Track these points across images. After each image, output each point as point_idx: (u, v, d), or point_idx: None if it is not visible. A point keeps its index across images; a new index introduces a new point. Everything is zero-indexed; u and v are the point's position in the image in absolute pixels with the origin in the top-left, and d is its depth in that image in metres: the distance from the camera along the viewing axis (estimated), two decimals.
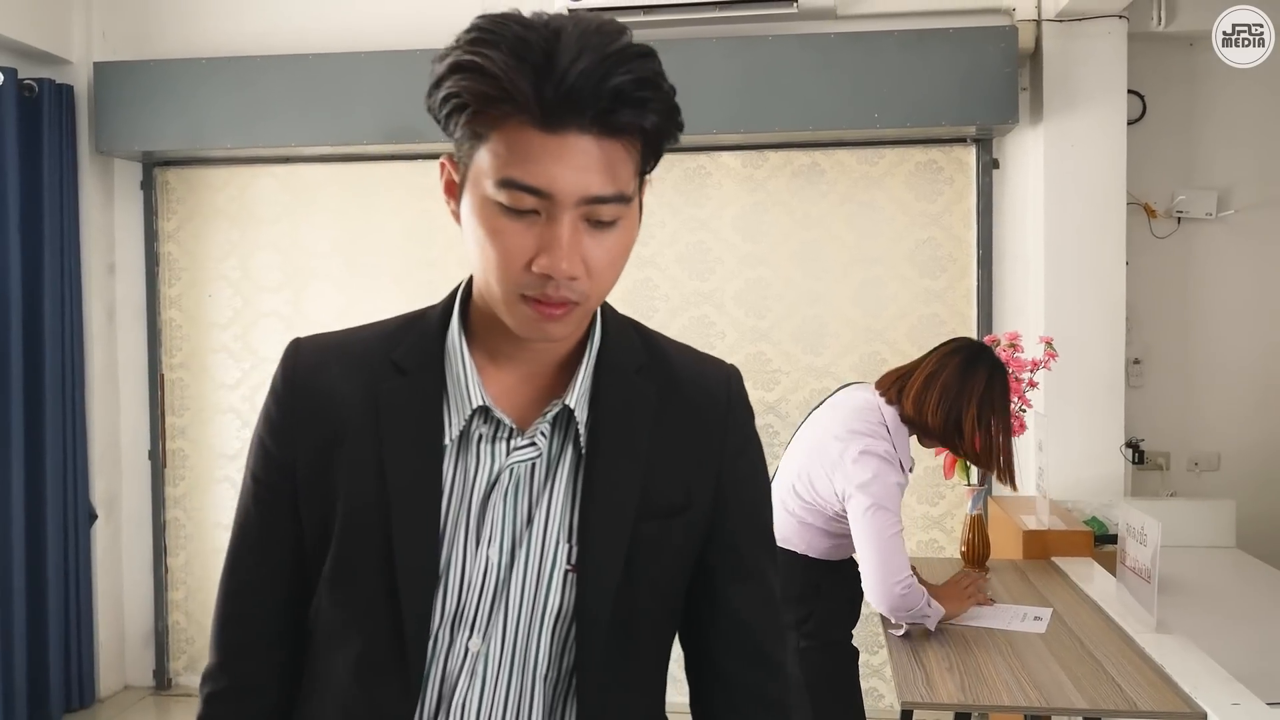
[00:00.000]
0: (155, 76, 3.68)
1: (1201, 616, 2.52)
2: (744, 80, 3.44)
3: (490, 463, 0.96)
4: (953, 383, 2.27)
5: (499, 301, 0.90)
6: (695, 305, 3.72)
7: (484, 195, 0.86)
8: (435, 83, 0.88)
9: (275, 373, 1.01)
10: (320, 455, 0.97)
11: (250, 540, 1.03)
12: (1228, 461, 3.73)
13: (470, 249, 0.90)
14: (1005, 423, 2.29)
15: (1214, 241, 3.71)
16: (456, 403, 0.95)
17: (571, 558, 0.96)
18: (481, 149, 0.86)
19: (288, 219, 3.89)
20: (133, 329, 3.99)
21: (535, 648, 0.97)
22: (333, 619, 0.99)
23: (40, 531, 3.62)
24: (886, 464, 2.21)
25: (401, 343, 0.98)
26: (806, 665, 2.27)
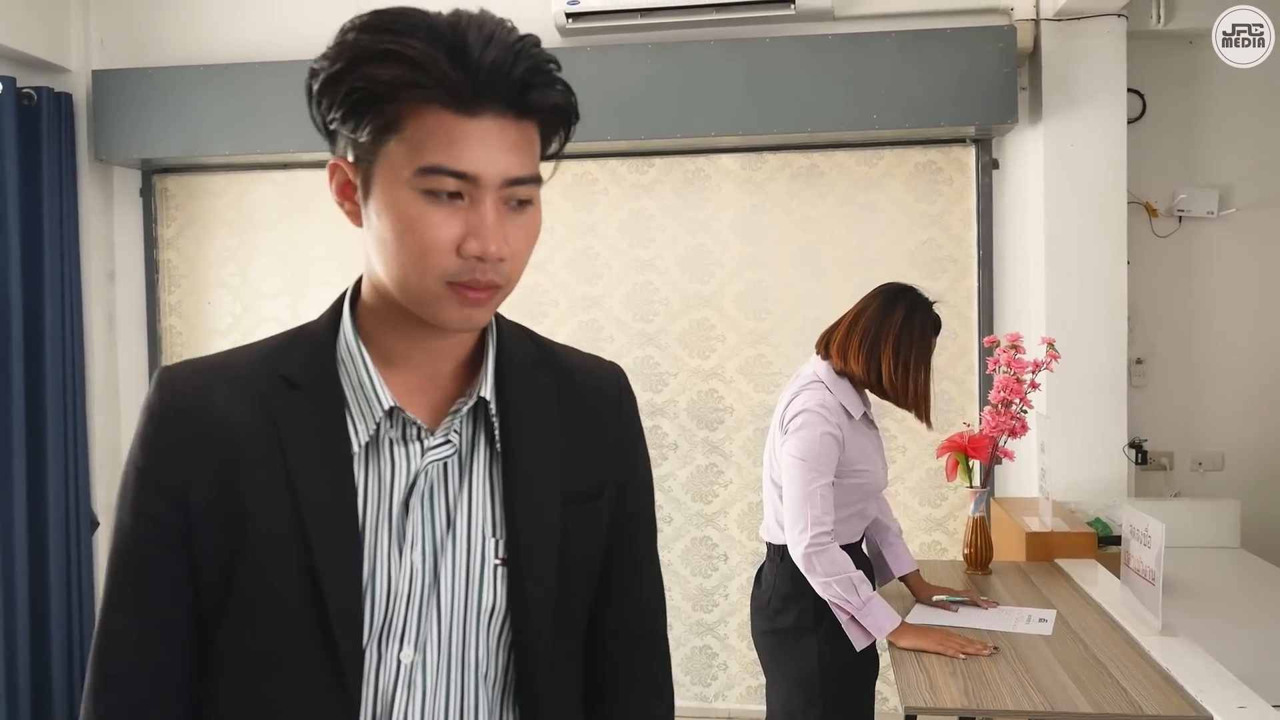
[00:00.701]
0: (154, 84, 3.68)
1: (1206, 618, 2.51)
2: (742, 82, 3.43)
3: (406, 465, 0.95)
4: (871, 324, 2.28)
5: (419, 294, 0.89)
6: (695, 308, 3.72)
7: (400, 186, 0.86)
8: (332, 78, 0.87)
9: (148, 403, 0.96)
10: (217, 480, 0.92)
11: (133, 586, 0.94)
12: (1231, 461, 3.71)
13: (380, 246, 0.90)
14: (923, 359, 2.28)
15: (1216, 240, 3.70)
16: (361, 409, 0.94)
17: (499, 551, 0.96)
18: (392, 140, 0.86)
19: (286, 225, 3.89)
20: (133, 336, 3.99)
21: (473, 650, 0.96)
22: (245, 653, 0.93)
23: (42, 539, 3.61)
24: (816, 415, 2.21)
25: (287, 358, 0.96)
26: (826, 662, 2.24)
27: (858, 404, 2.31)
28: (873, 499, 2.38)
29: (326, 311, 1.00)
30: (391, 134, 0.86)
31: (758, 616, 2.38)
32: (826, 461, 2.20)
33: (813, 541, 2.15)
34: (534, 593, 0.97)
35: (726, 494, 3.73)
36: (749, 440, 3.70)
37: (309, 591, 0.90)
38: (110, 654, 0.94)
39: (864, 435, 2.33)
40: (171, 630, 0.94)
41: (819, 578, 2.16)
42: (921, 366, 2.28)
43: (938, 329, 2.36)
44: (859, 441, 2.30)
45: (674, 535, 3.75)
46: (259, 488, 0.92)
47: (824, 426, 2.20)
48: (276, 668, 0.92)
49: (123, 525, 0.95)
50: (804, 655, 2.25)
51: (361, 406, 0.94)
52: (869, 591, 2.16)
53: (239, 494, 0.92)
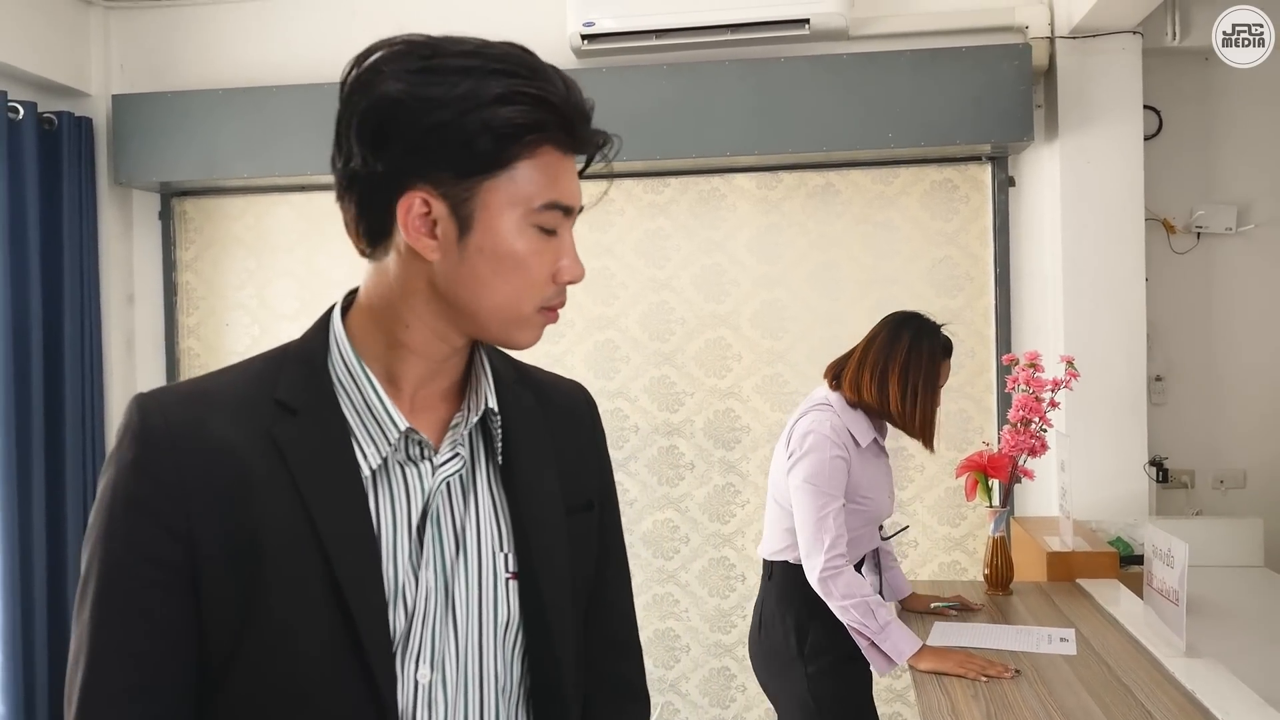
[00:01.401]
0: (173, 108, 3.72)
1: (1231, 638, 2.48)
2: (757, 102, 3.44)
3: (419, 485, 0.95)
4: (880, 354, 2.29)
5: (513, 320, 0.93)
6: (711, 327, 3.71)
7: (512, 221, 0.89)
8: (458, 116, 0.86)
9: (135, 431, 0.90)
10: (223, 513, 0.88)
11: (125, 633, 0.87)
12: (1254, 478, 3.68)
13: (473, 279, 0.90)
14: (929, 385, 2.28)
15: (1234, 256, 3.67)
16: (370, 432, 0.93)
17: (510, 565, 0.97)
18: (501, 177, 0.88)
19: (304, 247, 3.91)
20: (151, 358, 4.01)
21: (490, 664, 0.97)
22: (271, 690, 0.89)
23: (62, 562, 3.63)
24: (824, 438, 2.21)
25: (278, 382, 0.93)
26: (816, 686, 2.23)
27: (866, 431, 2.31)
28: (873, 526, 2.38)
29: (310, 333, 0.98)
30: (501, 171, 0.88)
31: (752, 636, 2.39)
32: (836, 485, 2.19)
33: (827, 565, 2.14)
34: (551, 603, 0.99)
35: (744, 514, 3.72)
36: (766, 460, 3.68)
37: (338, 622, 0.88)
38: (98, 715, 0.87)
39: (871, 463, 2.33)
40: (170, 681, 0.89)
41: (836, 601, 2.15)
42: (928, 392, 2.28)
43: (948, 352, 2.35)
44: (865, 469, 2.30)
45: (691, 555, 3.74)
46: (273, 520, 0.88)
47: (832, 450, 2.20)
48: (307, 702, 0.89)
49: (109, 565, 0.88)
50: (794, 677, 2.25)
51: (370, 430, 0.93)
52: (887, 616, 2.15)
53: (251, 527, 0.88)
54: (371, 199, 0.90)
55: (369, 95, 0.88)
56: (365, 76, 0.90)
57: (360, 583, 0.89)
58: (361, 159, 0.89)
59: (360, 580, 0.89)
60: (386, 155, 0.88)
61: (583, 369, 3.72)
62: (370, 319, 0.96)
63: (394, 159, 0.88)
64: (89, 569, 0.89)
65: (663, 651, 3.75)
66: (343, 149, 0.91)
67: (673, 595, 3.74)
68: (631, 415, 3.74)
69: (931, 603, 2.51)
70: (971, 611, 2.48)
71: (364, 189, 0.91)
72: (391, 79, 0.87)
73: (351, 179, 0.91)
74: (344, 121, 0.90)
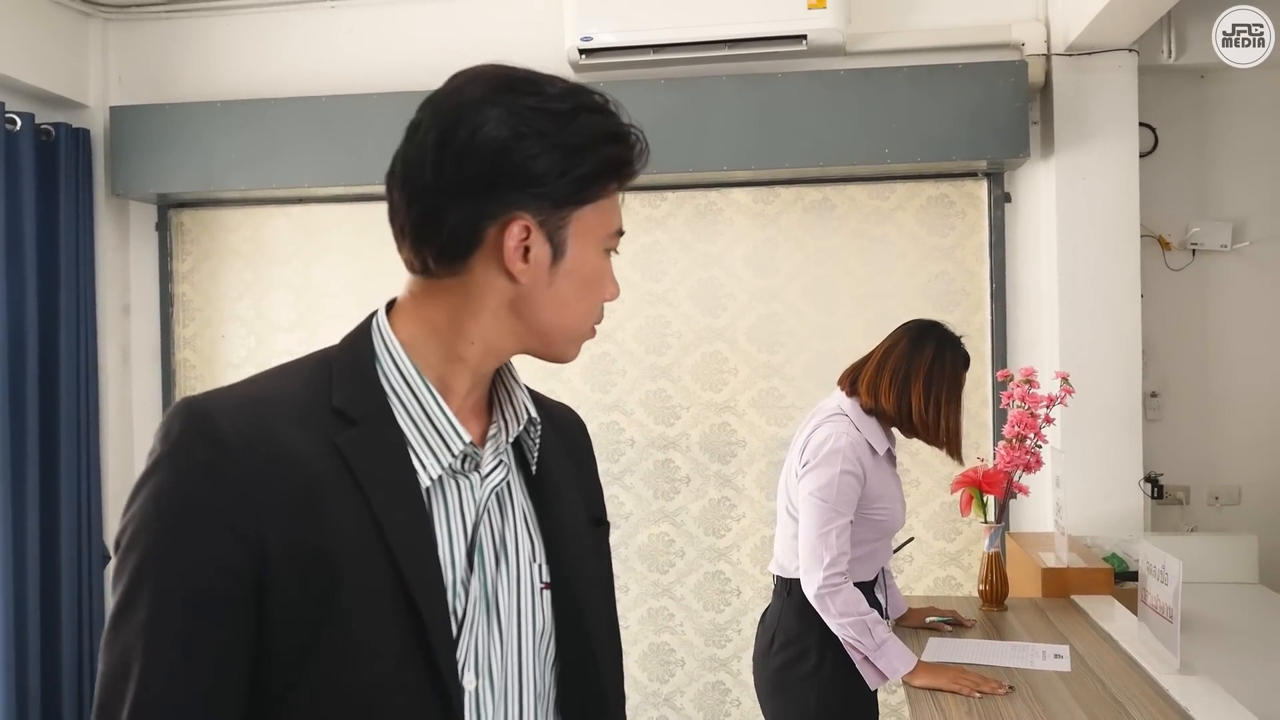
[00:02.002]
0: (170, 119, 3.72)
1: (1225, 656, 2.48)
2: (754, 117, 3.45)
3: (470, 496, 0.97)
4: (901, 362, 2.27)
5: (576, 336, 1.00)
6: (708, 341, 3.72)
7: (594, 247, 0.98)
8: (573, 150, 0.92)
9: (197, 441, 0.86)
10: (293, 522, 0.86)
11: (182, 646, 0.83)
12: (1249, 495, 3.68)
13: (556, 300, 0.97)
14: (954, 395, 2.27)
15: (1230, 273, 3.69)
16: (429, 443, 0.94)
17: (543, 575, 1.00)
18: (588, 208, 0.96)
19: (300, 259, 3.91)
20: (147, 370, 4.01)
21: (530, 672, 0.99)
22: (341, 703, 0.87)
23: (54, 572, 3.62)
24: (837, 452, 2.19)
25: (334, 391, 0.93)
26: (823, 710, 2.22)
27: (882, 440, 2.29)
28: (888, 538, 2.36)
29: (353, 341, 0.99)
30: (587, 202, 0.95)
31: (760, 652, 2.36)
32: (845, 501, 2.18)
33: (825, 582, 2.13)
34: (589, 611, 1.02)
35: (739, 528, 3.71)
36: (762, 474, 3.68)
37: (409, 632, 0.88)
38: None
39: (886, 472, 2.32)
40: (229, 703, 0.86)
41: (833, 618, 2.14)
42: (952, 403, 2.27)
43: (967, 364, 2.35)
44: (881, 479, 2.29)
45: (686, 569, 3.73)
46: (343, 531, 0.87)
47: (844, 464, 2.19)
48: (376, 713, 0.87)
49: (168, 575, 0.84)
50: (802, 695, 2.23)
51: (430, 441, 0.94)
52: (884, 633, 2.14)
53: (321, 538, 0.86)
54: (462, 222, 0.92)
55: (474, 125, 0.90)
56: (468, 105, 0.92)
57: (429, 593, 0.90)
58: (460, 185, 0.91)
59: (429, 590, 0.90)
60: (490, 184, 0.91)
61: (579, 382, 3.72)
62: (429, 332, 0.97)
63: (498, 188, 0.91)
64: (138, 580, 0.84)
65: (657, 665, 3.74)
66: (426, 171, 0.92)
67: (668, 609, 3.73)
68: (627, 429, 3.73)
69: (926, 618, 2.50)
70: (965, 628, 2.48)
71: (456, 212, 0.92)
72: (499, 110, 0.91)
73: (439, 201, 0.92)
74: (441, 146, 0.91)
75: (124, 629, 0.85)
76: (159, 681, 0.83)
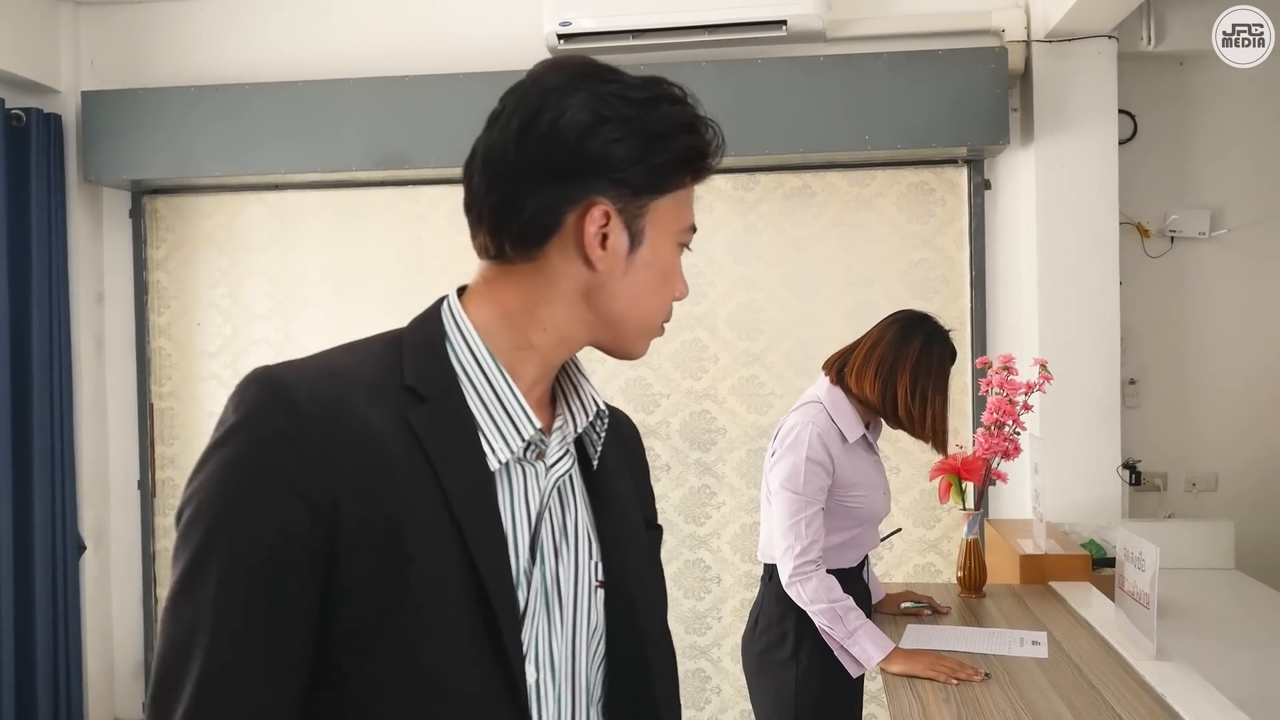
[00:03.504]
0: (144, 105, 3.67)
1: (1201, 641, 2.49)
2: (734, 103, 3.43)
3: (536, 484, 0.96)
4: (889, 353, 2.27)
5: (648, 330, 1.00)
6: (688, 329, 3.70)
7: (669, 240, 0.97)
8: (656, 136, 0.92)
9: (275, 407, 0.85)
10: (366, 495, 0.84)
11: (248, 618, 0.81)
12: (1225, 482, 3.70)
13: (633, 291, 0.96)
14: (939, 389, 2.28)
15: (1208, 260, 3.70)
16: (499, 427, 0.93)
17: (599, 573, 0.99)
18: (664, 199, 0.95)
19: (277, 246, 3.88)
20: (121, 358, 3.96)
21: (582, 668, 0.98)
22: (402, 682, 0.84)
23: (28, 563, 3.58)
24: (804, 442, 2.20)
25: (404, 368, 0.92)
26: (803, 693, 2.22)
27: (855, 426, 2.28)
28: (871, 525, 2.36)
29: (423, 321, 0.97)
30: (663, 194, 0.95)
31: (746, 635, 2.37)
32: (813, 489, 2.18)
33: (795, 570, 2.14)
34: (644, 611, 1.01)
35: (719, 515, 3.71)
36: (742, 462, 3.68)
37: (476, 612, 0.87)
38: (217, 710, 0.81)
39: (861, 459, 2.31)
40: (295, 673, 0.84)
41: (805, 606, 2.14)
42: (938, 396, 2.27)
43: (954, 358, 2.35)
44: (855, 465, 2.28)
45: (667, 557, 3.72)
46: (414, 507, 0.86)
47: (809, 453, 2.19)
48: (442, 693, 0.85)
49: (239, 544, 0.82)
50: (783, 680, 2.23)
51: (500, 424, 0.93)
52: (856, 620, 2.14)
53: (393, 512, 0.85)
54: (542, 207, 0.92)
55: (558, 110, 0.91)
56: (552, 91, 0.92)
57: (497, 573, 0.88)
58: (542, 170, 0.92)
59: (497, 571, 0.88)
60: (571, 169, 0.92)
61: None
62: (501, 315, 0.96)
63: (579, 174, 0.92)
64: (205, 551, 0.82)
65: None
66: (509, 156, 0.92)
67: None
68: None
69: (901, 603, 2.51)
70: (941, 614, 2.48)
71: (536, 197, 0.92)
72: (582, 96, 0.91)
73: (520, 186, 0.93)
74: (524, 131, 0.92)
75: (189, 602, 0.82)
76: (226, 653, 0.81)
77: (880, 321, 2.37)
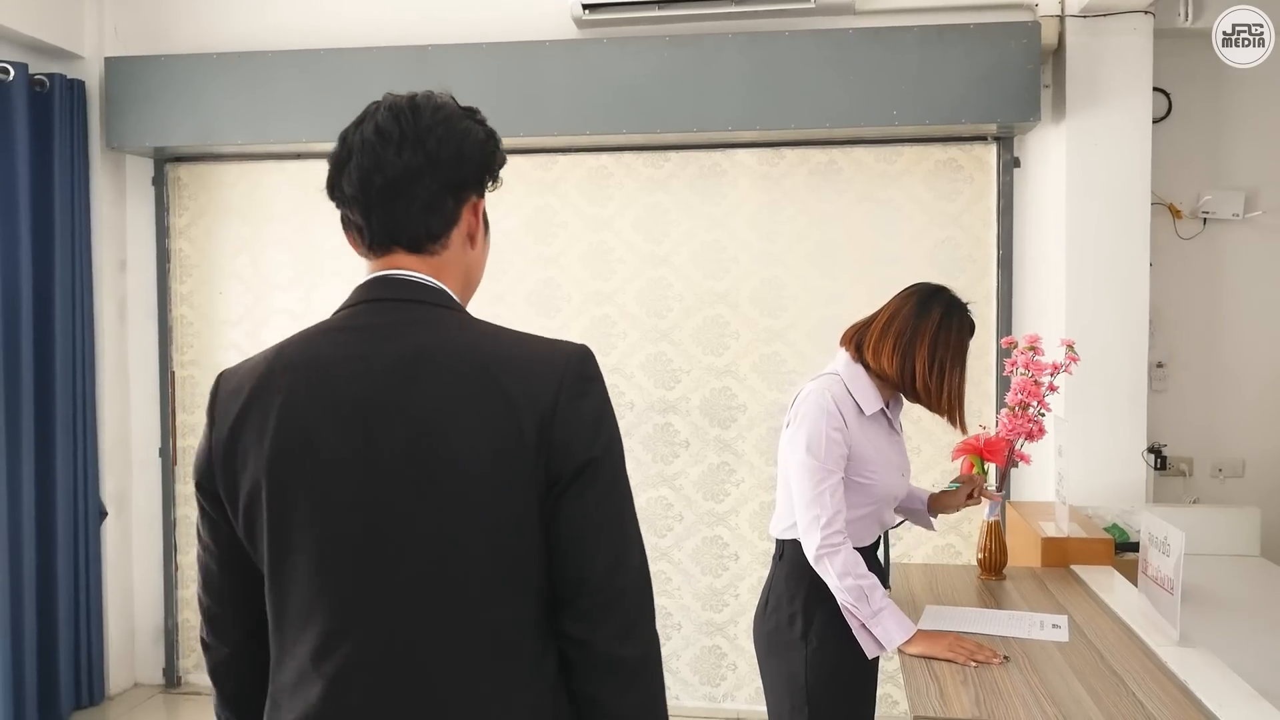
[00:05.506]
0: (167, 72, 3.67)
1: (1225, 628, 2.45)
2: (760, 77, 3.39)
3: None
4: (906, 326, 2.22)
5: None
6: (709, 304, 3.68)
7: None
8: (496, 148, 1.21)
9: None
10: None
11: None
12: (1252, 468, 3.65)
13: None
14: (958, 363, 2.23)
15: (1240, 243, 3.63)
16: None
17: None
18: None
19: (299, 216, 3.87)
20: (143, 326, 3.98)
21: None
22: None
23: (51, 529, 3.61)
24: (821, 410, 2.15)
25: None
26: (813, 672, 2.20)
27: (873, 400, 2.23)
28: (887, 505, 2.31)
29: None
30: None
31: (757, 616, 2.34)
32: (833, 458, 2.13)
33: (824, 542, 2.09)
34: None
35: (738, 493, 3.69)
36: (762, 439, 3.66)
37: None
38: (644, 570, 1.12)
39: (878, 434, 2.25)
40: None
41: (832, 580, 2.10)
42: (956, 370, 2.22)
43: (972, 331, 2.30)
44: (871, 440, 2.22)
45: (684, 533, 3.72)
46: None
47: (826, 421, 2.14)
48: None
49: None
50: (793, 659, 2.20)
51: None
52: (881, 600, 2.11)
53: None
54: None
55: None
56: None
57: None
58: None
59: None
60: None
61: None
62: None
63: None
64: (623, 473, 1.11)
65: None
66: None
67: (665, 573, 3.72)
68: (627, 392, 3.70)
69: (948, 498, 2.49)
70: (979, 488, 2.47)
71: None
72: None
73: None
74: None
75: (628, 513, 1.12)
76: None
77: (898, 294, 2.32)
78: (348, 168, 1.12)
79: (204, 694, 3.95)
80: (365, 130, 1.12)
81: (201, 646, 1.19)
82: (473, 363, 1.05)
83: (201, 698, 3.93)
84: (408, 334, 1.08)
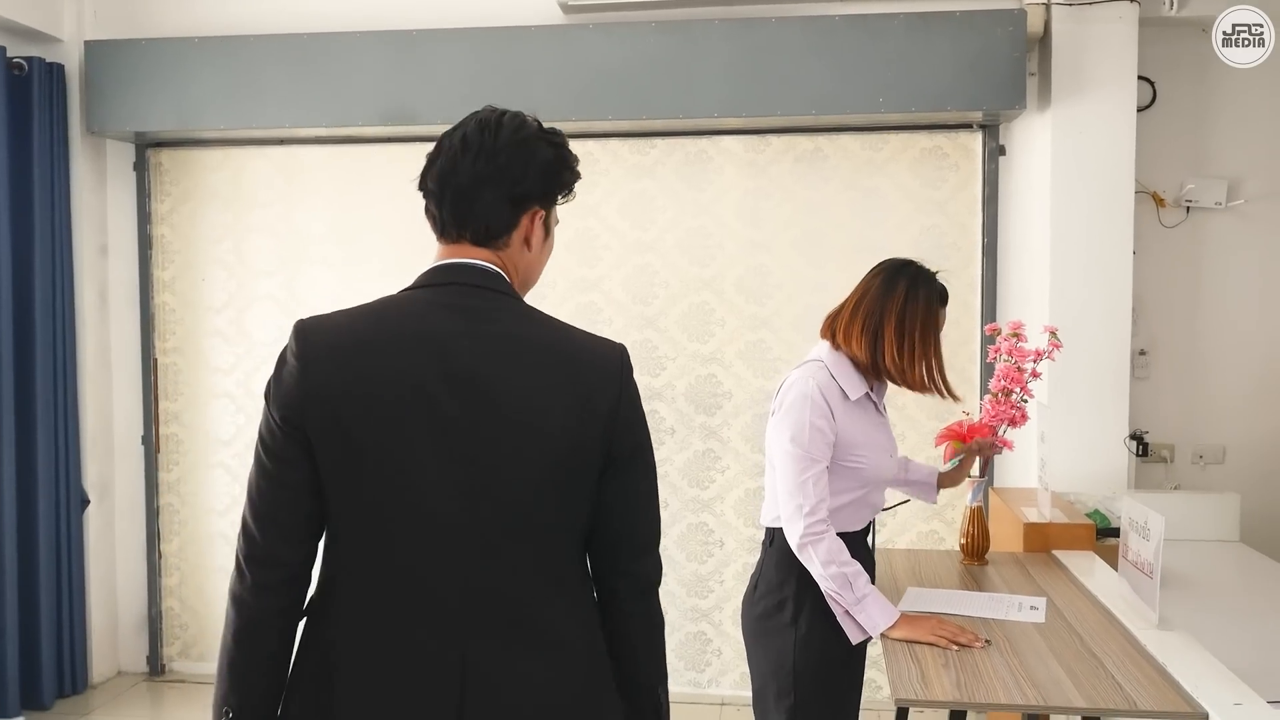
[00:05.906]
0: (148, 56, 3.63)
1: (1204, 612, 2.47)
2: (746, 63, 3.38)
3: None
4: (874, 306, 2.21)
5: None
6: (695, 291, 3.67)
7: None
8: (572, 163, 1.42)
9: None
10: None
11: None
12: (1233, 455, 3.67)
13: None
14: (929, 334, 2.21)
15: (1223, 232, 3.65)
16: None
17: None
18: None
19: (282, 202, 3.85)
20: (125, 312, 3.95)
21: None
22: None
23: (32, 517, 3.59)
24: (806, 399, 2.14)
25: None
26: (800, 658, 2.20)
27: (857, 385, 2.22)
28: (877, 487, 2.30)
29: None
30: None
31: (746, 599, 2.34)
32: (818, 447, 2.13)
33: (807, 530, 2.09)
34: None
35: (724, 480, 3.70)
36: (747, 426, 3.66)
37: None
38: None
39: (863, 419, 2.24)
40: None
41: (815, 568, 2.11)
42: (928, 341, 2.20)
43: (944, 300, 2.28)
44: (858, 425, 2.22)
45: (670, 520, 3.72)
46: None
47: (811, 409, 2.13)
48: None
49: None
50: (780, 645, 2.20)
51: None
52: (865, 587, 2.11)
53: None
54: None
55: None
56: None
57: None
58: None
59: None
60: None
61: None
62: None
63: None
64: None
65: None
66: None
67: None
68: None
69: (961, 467, 2.56)
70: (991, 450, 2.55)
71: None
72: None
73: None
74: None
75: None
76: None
77: (865, 275, 2.32)
78: (435, 166, 1.35)
79: (188, 681, 3.94)
80: (454, 137, 1.33)
81: (236, 574, 1.27)
82: (558, 354, 1.30)
83: (186, 685, 3.92)
84: (498, 320, 1.29)
